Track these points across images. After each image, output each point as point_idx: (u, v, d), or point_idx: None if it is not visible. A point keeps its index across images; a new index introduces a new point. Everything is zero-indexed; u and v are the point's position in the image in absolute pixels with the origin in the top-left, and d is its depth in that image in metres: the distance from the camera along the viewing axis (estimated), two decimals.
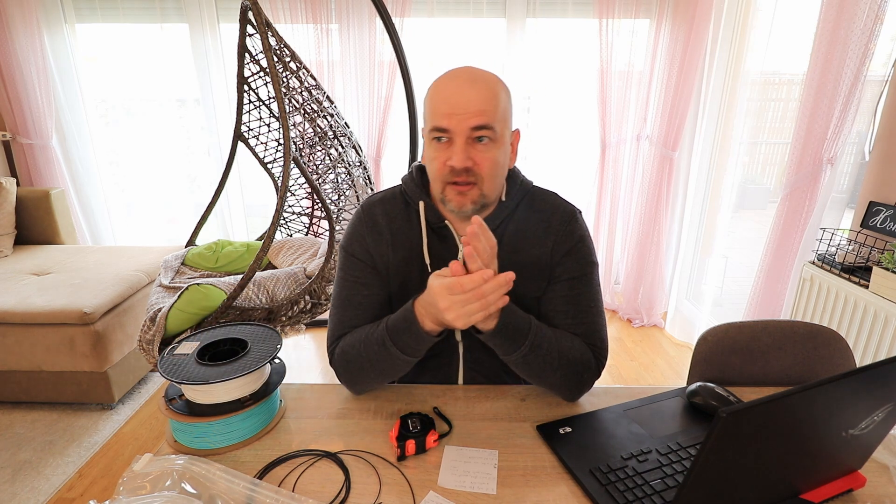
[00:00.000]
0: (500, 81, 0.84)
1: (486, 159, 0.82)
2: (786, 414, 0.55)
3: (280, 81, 1.74)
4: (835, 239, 1.72)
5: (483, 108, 0.79)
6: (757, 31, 2.27)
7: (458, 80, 0.81)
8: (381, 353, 0.84)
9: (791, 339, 1.03)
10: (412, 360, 0.84)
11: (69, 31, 2.68)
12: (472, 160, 0.81)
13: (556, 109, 2.99)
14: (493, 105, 0.80)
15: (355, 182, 2.24)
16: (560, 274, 0.91)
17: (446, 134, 0.81)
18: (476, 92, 0.79)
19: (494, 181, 0.85)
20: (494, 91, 0.81)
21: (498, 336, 0.79)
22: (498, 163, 0.84)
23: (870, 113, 1.69)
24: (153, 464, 0.70)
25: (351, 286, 0.92)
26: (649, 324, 2.89)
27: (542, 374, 0.85)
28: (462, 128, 0.80)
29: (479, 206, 0.85)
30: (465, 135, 0.80)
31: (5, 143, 2.75)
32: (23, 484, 1.65)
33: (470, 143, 0.81)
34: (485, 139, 0.81)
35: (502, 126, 0.83)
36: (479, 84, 0.80)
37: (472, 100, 0.79)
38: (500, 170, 0.85)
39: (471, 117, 0.79)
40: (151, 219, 3.08)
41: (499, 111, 0.81)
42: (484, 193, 0.84)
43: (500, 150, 0.83)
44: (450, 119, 0.80)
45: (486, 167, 0.82)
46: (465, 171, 0.81)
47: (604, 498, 0.68)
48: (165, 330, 1.61)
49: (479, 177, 0.83)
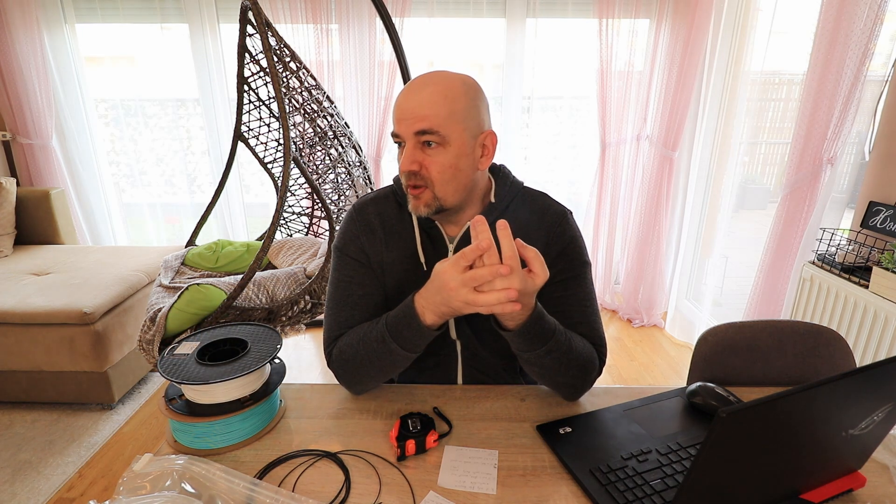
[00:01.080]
0: (458, 85, 0.82)
1: (434, 163, 0.82)
2: (786, 414, 0.55)
3: (280, 81, 1.74)
4: (835, 239, 1.72)
5: (426, 113, 0.80)
6: (757, 31, 2.27)
7: (411, 85, 0.82)
8: (380, 350, 0.83)
9: (791, 339, 1.03)
10: (412, 356, 0.84)
11: (69, 31, 2.68)
12: (419, 163, 0.82)
13: (556, 109, 2.99)
14: (438, 109, 0.80)
15: (355, 182, 2.24)
16: (553, 276, 0.91)
17: (399, 139, 0.84)
18: (422, 97, 0.80)
19: (449, 185, 0.84)
20: (444, 95, 0.80)
21: (526, 333, 0.77)
22: (450, 166, 0.83)
23: (870, 113, 1.69)
24: (153, 464, 0.70)
25: (346, 286, 0.92)
26: (649, 324, 2.89)
27: (554, 374, 0.84)
28: (408, 133, 0.82)
29: (433, 209, 0.85)
30: (412, 139, 0.82)
31: (5, 143, 2.75)
32: (23, 484, 1.65)
33: (418, 147, 0.82)
34: (432, 144, 0.82)
35: (455, 129, 0.81)
36: (428, 89, 0.81)
37: (416, 105, 0.80)
38: (454, 172, 0.84)
39: (414, 122, 0.80)
40: (151, 219, 3.08)
41: (446, 115, 0.80)
42: (437, 196, 0.84)
43: (452, 153, 0.82)
44: (399, 124, 0.83)
45: (433, 171, 0.82)
46: (413, 175, 0.83)
47: (604, 498, 0.68)
48: (165, 330, 1.61)
49: (428, 180, 0.83)
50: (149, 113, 2.91)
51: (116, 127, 2.93)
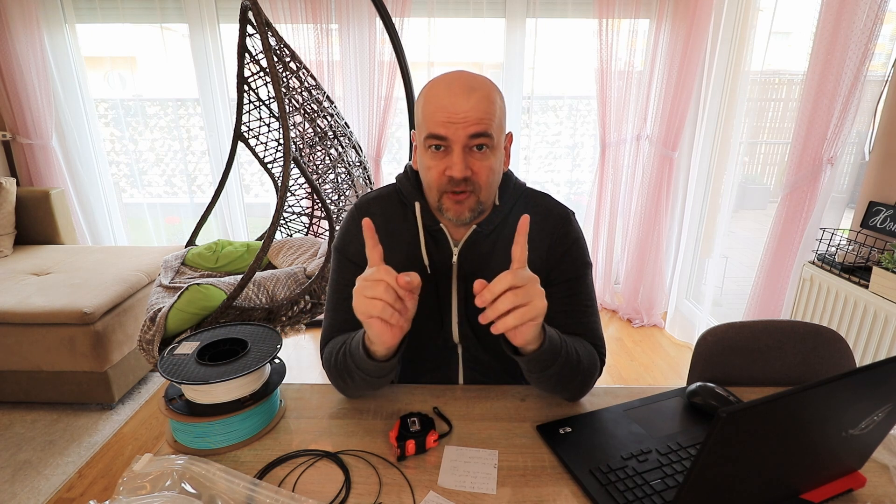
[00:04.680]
0: (494, 87, 0.83)
1: (484, 167, 0.81)
2: (786, 414, 0.55)
3: (280, 81, 1.74)
4: (835, 239, 1.72)
5: (481, 116, 0.78)
6: (757, 31, 2.27)
7: (454, 86, 0.79)
8: (349, 366, 0.82)
9: (791, 339, 1.03)
10: (376, 380, 0.82)
11: (69, 31, 2.68)
12: (471, 169, 0.81)
13: (556, 109, 2.99)
14: (491, 112, 0.79)
15: (355, 182, 2.24)
16: (556, 277, 0.92)
17: (443, 143, 0.80)
18: (474, 100, 0.78)
19: (491, 189, 0.85)
20: (491, 98, 0.80)
21: (542, 354, 0.76)
22: (494, 170, 0.83)
23: (870, 113, 1.69)
24: (153, 464, 0.70)
25: (342, 290, 0.91)
26: (649, 324, 2.89)
27: (561, 386, 0.84)
28: (460, 136, 0.78)
29: (475, 213, 0.85)
30: (463, 143, 0.79)
31: (5, 143, 2.75)
32: (23, 484, 1.65)
33: (468, 152, 0.80)
34: (483, 147, 0.80)
35: (499, 133, 0.82)
36: (477, 92, 0.79)
37: (470, 108, 0.78)
38: (496, 176, 0.85)
39: (469, 126, 0.78)
40: (151, 219, 3.08)
41: (496, 118, 0.80)
42: (481, 201, 0.84)
43: (496, 157, 0.83)
44: (447, 127, 0.78)
45: (483, 175, 0.81)
46: (463, 181, 0.81)
47: (604, 498, 0.68)
48: (165, 330, 1.61)
49: (476, 185, 0.82)
50: (149, 113, 2.91)
51: (116, 127, 2.93)
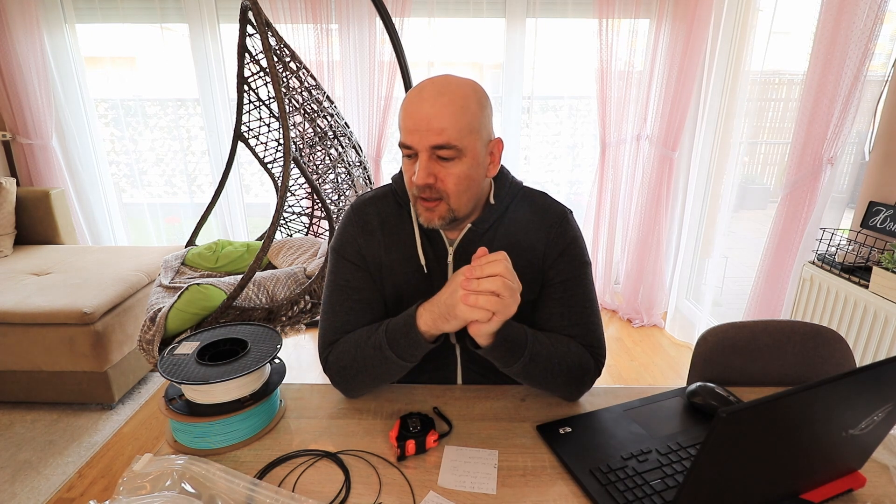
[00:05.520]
0: (471, 93, 0.80)
1: (450, 175, 0.80)
2: (786, 414, 0.55)
3: (280, 81, 1.74)
4: (835, 239, 1.72)
5: (443, 126, 0.77)
6: (757, 31, 2.27)
7: (423, 94, 0.79)
8: (376, 358, 0.83)
9: (791, 339, 1.03)
10: (407, 365, 0.84)
11: (69, 31, 2.68)
12: (435, 176, 0.80)
13: (556, 109, 2.99)
14: (456, 121, 0.77)
15: (355, 182, 2.24)
16: (554, 276, 0.91)
17: (410, 150, 0.80)
18: (439, 108, 0.77)
19: (463, 196, 0.83)
20: (460, 105, 0.78)
21: (496, 350, 0.79)
22: (465, 177, 0.81)
23: (870, 113, 1.69)
24: (153, 464, 0.70)
25: (341, 291, 0.91)
26: (649, 324, 2.89)
27: (543, 381, 0.86)
28: (423, 145, 0.78)
29: (447, 220, 0.84)
30: (427, 152, 0.79)
31: (5, 143, 2.75)
32: (23, 484, 1.65)
33: (433, 160, 0.80)
34: (447, 157, 0.80)
35: (470, 140, 0.80)
36: (443, 99, 0.77)
37: (433, 117, 0.77)
38: (469, 183, 0.83)
39: (431, 135, 0.77)
40: (151, 219, 3.08)
41: (463, 127, 0.78)
42: (452, 209, 0.83)
43: (467, 164, 0.81)
44: (412, 135, 0.79)
45: (450, 183, 0.81)
46: (427, 188, 0.81)
47: (604, 498, 0.68)
48: (165, 330, 1.61)
49: (443, 193, 0.82)
50: (149, 113, 2.91)
51: (116, 127, 2.93)
